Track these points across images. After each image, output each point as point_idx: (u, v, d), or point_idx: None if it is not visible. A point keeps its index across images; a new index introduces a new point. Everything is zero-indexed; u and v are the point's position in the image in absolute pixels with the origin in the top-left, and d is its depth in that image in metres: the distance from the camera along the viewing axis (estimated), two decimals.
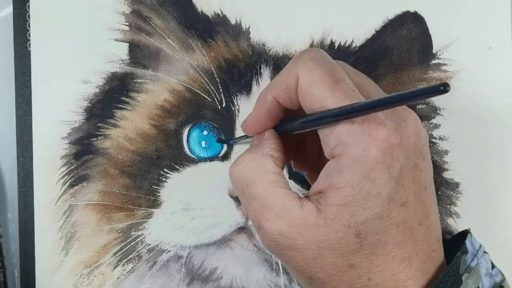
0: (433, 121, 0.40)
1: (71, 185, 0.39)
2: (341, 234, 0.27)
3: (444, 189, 0.39)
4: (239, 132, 0.39)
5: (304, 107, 0.29)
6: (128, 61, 0.39)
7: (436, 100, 0.40)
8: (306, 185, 0.39)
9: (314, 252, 0.27)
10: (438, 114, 0.40)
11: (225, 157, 0.39)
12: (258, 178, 0.29)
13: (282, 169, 0.30)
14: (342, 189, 0.27)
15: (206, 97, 0.39)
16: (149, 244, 0.39)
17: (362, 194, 0.26)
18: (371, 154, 0.26)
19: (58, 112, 0.39)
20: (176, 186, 0.39)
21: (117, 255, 0.39)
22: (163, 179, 0.39)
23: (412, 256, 0.27)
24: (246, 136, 0.36)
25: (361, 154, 0.26)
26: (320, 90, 0.27)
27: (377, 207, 0.26)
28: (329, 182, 0.27)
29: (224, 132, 0.39)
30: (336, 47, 0.39)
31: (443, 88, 0.22)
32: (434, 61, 0.40)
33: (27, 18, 0.39)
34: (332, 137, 0.27)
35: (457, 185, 0.40)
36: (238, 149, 0.39)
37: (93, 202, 0.39)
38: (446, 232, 0.31)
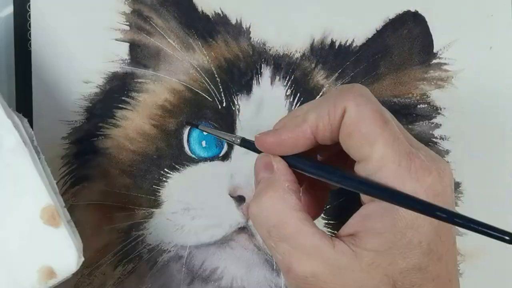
0: (434, 120, 0.40)
1: (72, 185, 0.39)
2: (377, 282, 0.26)
3: None
4: (239, 132, 0.39)
5: (346, 142, 0.28)
6: (128, 61, 0.39)
7: (437, 100, 0.40)
8: None
9: None
10: (439, 113, 0.40)
11: (226, 157, 0.39)
12: (286, 217, 0.27)
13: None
14: (382, 234, 0.26)
15: (207, 96, 0.39)
16: (150, 244, 0.39)
17: (403, 242, 0.25)
18: None
19: (58, 112, 0.39)
20: (177, 186, 0.39)
21: (117, 255, 0.39)
22: (164, 179, 0.39)
23: None
24: (223, 135, 0.35)
25: None
26: (369, 128, 0.26)
27: (416, 258, 0.26)
28: (367, 226, 0.26)
29: (225, 131, 0.39)
30: (336, 47, 0.39)
31: (509, 238, 0.22)
32: (435, 61, 0.40)
33: (28, 18, 0.39)
34: (375, 179, 0.27)
35: (458, 185, 0.40)
36: (239, 149, 0.39)
37: (93, 202, 0.39)
38: None
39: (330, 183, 0.29)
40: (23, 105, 0.39)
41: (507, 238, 0.22)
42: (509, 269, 0.40)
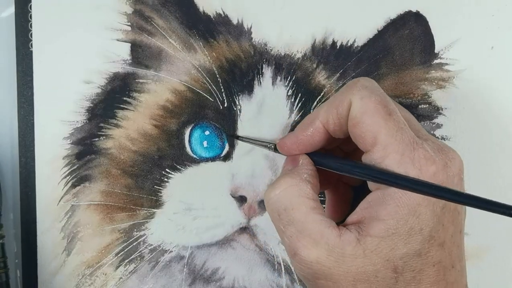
0: (435, 120, 0.40)
1: (73, 185, 0.39)
2: (378, 267, 0.27)
3: None
4: (240, 132, 0.39)
5: (353, 134, 0.29)
6: (130, 61, 0.39)
7: (438, 100, 0.40)
8: None
9: (349, 284, 0.27)
10: (440, 113, 0.40)
11: (227, 157, 0.39)
12: (297, 203, 0.29)
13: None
14: (386, 221, 0.27)
15: (208, 97, 0.39)
16: (151, 244, 0.39)
17: (405, 229, 0.26)
18: None
19: (60, 113, 0.39)
20: (178, 186, 0.39)
21: (119, 255, 0.39)
22: (165, 179, 0.39)
23: None
24: (260, 143, 0.36)
25: None
26: (373, 119, 0.28)
27: (417, 244, 0.27)
28: (372, 213, 0.27)
29: (226, 132, 0.39)
30: (338, 47, 0.39)
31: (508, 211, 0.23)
32: (436, 61, 0.40)
33: (29, 19, 0.39)
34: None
35: None
36: (240, 150, 0.39)
37: (95, 202, 0.39)
38: None
39: (344, 174, 0.30)
40: (25, 105, 0.39)
41: (506, 211, 0.23)
42: (510, 268, 0.40)
